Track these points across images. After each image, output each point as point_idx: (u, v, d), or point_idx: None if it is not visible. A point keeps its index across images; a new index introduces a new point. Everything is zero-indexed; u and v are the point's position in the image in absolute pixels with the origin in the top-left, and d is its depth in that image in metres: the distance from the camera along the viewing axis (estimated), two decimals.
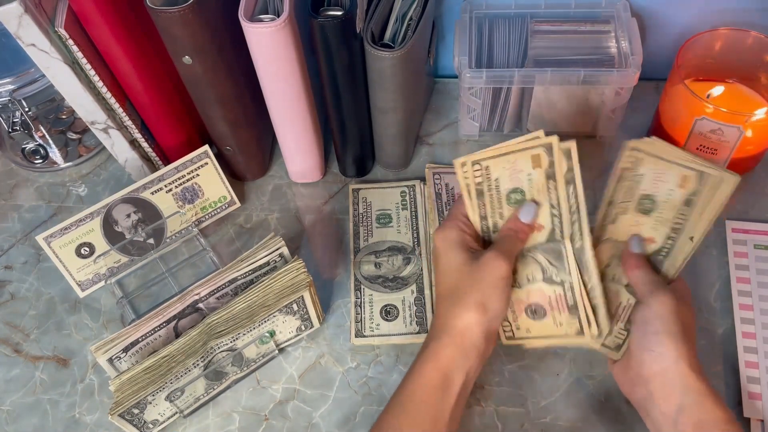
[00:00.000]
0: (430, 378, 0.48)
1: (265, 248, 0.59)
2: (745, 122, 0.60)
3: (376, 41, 0.60)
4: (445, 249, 0.51)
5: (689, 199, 0.50)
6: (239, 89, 0.65)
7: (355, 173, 0.74)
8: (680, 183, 0.50)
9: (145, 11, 0.55)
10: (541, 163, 0.50)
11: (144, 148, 0.71)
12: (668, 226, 0.51)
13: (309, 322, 0.61)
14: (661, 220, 0.52)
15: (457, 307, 0.49)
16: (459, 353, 0.48)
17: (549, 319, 0.53)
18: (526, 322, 0.53)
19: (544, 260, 0.52)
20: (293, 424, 0.58)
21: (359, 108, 0.65)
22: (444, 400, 0.47)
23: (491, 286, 0.49)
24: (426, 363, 0.48)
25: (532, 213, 0.51)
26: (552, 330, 0.53)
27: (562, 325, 0.52)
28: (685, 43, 0.65)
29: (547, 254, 0.52)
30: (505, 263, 0.49)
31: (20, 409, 0.61)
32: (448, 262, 0.51)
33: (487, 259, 0.49)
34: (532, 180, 0.51)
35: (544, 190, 0.51)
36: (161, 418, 0.57)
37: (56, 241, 0.64)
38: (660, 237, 0.52)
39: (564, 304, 0.52)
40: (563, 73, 0.66)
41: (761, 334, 0.59)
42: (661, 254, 0.52)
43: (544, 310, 0.53)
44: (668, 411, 0.46)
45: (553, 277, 0.52)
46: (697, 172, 0.49)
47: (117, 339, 0.54)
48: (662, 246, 0.52)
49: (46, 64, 0.58)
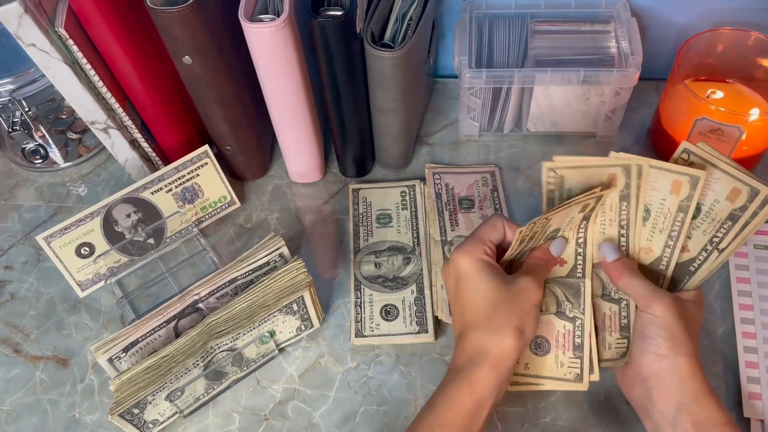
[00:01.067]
0: (464, 405, 0.47)
1: (265, 248, 0.59)
2: (744, 122, 0.60)
3: (376, 41, 0.60)
4: (476, 272, 0.50)
5: (734, 214, 0.49)
6: (239, 89, 0.65)
7: (355, 173, 0.74)
8: (729, 195, 0.49)
9: (145, 11, 0.55)
10: (585, 209, 0.51)
11: (144, 148, 0.71)
12: (707, 237, 0.51)
13: (309, 322, 0.61)
14: (700, 230, 0.51)
15: (496, 333, 0.48)
16: (495, 381, 0.47)
17: (551, 356, 0.53)
18: (527, 356, 0.53)
19: (560, 294, 0.52)
20: (293, 424, 0.58)
21: (359, 108, 0.65)
22: (472, 426, 0.47)
23: (528, 312, 0.49)
24: (462, 390, 0.47)
25: (562, 248, 0.53)
26: (551, 369, 0.53)
27: (562, 366, 0.52)
28: (685, 43, 0.65)
29: (564, 288, 0.53)
30: (539, 289, 0.49)
31: (20, 409, 0.61)
32: (482, 287, 0.49)
33: (525, 283, 0.49)
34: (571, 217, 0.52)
35: (575, 227, 0.52)
36: (161, 418, 0.57)
37: (56, 241, 0.64)
38: (696, 248, 0.52)
39: (570, 343, 0.52)
40: (563, 73, 0.66)
41: (761, 334, 0.59)
42: (693, 265, 0.52)
43: (548, 346, 0.53)
44: (667, 410, 0.47)
45: (567, 312, 0.52)
46: (749, 187, 0.48)
47: (117, 339, 0.54)
48: (696, 257, 0.52)
49: (46, 64, 0.58)
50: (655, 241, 0.52)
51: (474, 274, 0.50)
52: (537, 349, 0.53)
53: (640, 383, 0.49)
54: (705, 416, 0.45)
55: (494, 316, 0.48)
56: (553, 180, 0.52)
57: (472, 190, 0.70)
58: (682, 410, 0.46)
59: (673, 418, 0.46)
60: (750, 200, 0.48)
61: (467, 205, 0.69)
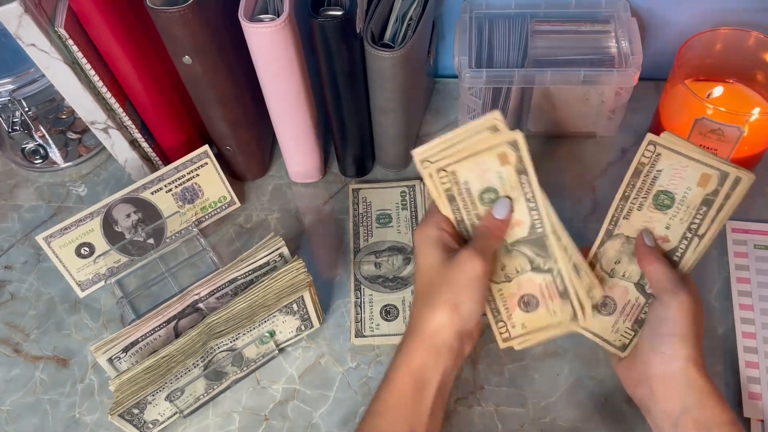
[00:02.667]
0: (403, 383, 0.47)
1: (265, 248, 0.59)
2: (745, 122, 0.60)
3: (376, 41, 0.60)
4: (423, 247, 0.50)
5: (708, 199, 0.49)
6: (239, 89, 0.65)
7: (355, 173, 0.74)
8: (700, 182, 0.49)
9: (145, 11, 0.55)
10: (508, 160, 0.50)
11: (144, 148, 0.71)
12: (685, 225, 0.50)
13: (309, 322, 0.61)
14: (677, 218, 0.51)
15: (428, 307, 0.48)
16: (431, 355, 0.47)
17: (542, 309, 0.52)
18: (521, 317, 0.53)
19: (530, 252, 0.52)
20: (293, 424, 0.58)
21: (359, 108, 0.65)
22: (420, 403, 0.46)
23: (464, 285, 0.47)
24: (398, 368, 0.47)
25: (506, 208, 0.50)
26: (547, 319, 0.52)
27: (556, 313, 0.52)
28: (685, 43, 0.65)
29: (531, 246, 0.52)
30: (479, 262, 0.47)
31: (20, 409, 0.61)
32: (425, 261, 0.50)
33: (461, 258, 0.48)
34: (503, 177, 0.50)
35: (517, 185, 0.50)
36: (161, 418, 0.57)
37: (56, 241, 0.64)
38: (675, 237, 0.51)
39: (555, 291, 0.51)
40: (563, 73, 0.66)
41: (761, 334, 0.59)
42: (676, 255, 0.51)
43: (536, 300, 0.52)
44: (670, 411, 0.46)
45: (541, 265, 0.51)
46: (719, 171, 0.48)
47: (117, 339, 0.54)
48: (677, 246, 0.51)
49: (46, 64, 0.58)
50: (673, 231, 0.51)
51: (420, 248, 0.50)
52: (527, 307, 0.52)
53: (645, 382, 0.48)
54: (708, 416, 0.45)
55: (430, 290, 0.48)
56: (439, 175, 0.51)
57: None
58: (686, 412, 0.45)
59: (677, 419, 0.46)
60: (721, 183, 0.48)
61: None
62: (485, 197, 0.51)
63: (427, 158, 0.51)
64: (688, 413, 0.45)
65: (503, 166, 0.50)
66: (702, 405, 0.45)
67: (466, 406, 0.58)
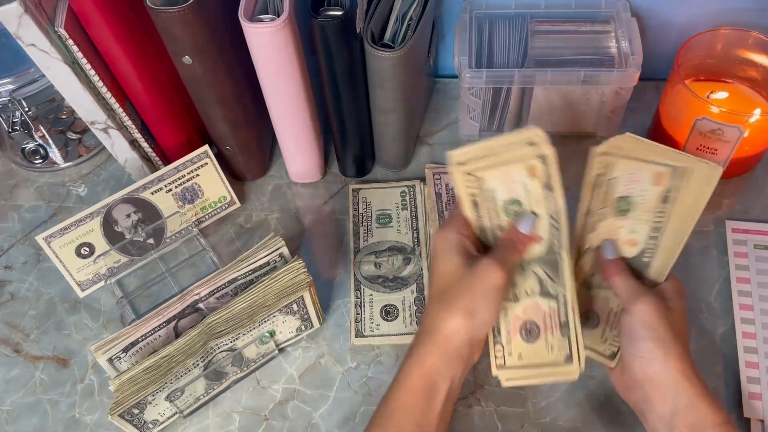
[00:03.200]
0: (414, 384, 0.47)
1: (265, 248, 0.59)
2: (745, 122, 0.60)
3: (376, 41, 0.60)
4: (443, 251, 0.50)
5: (666, 196, 0.49)
6: (239, 89, 0.65)
7: (355, 173, 0.74)
8: (654, 181, 0.49)
9: (145, 11, 0.55)
10: (536, 174, 0.49)
11: (144, 148, 0.71)
12: (648, 225, 0.50)
13: (309, 322, 0.61)
14: (639, 220, 0.51)
15: (445, 311, 0.48)
16: (443, 359, 0.47)
17: (542, 341, 0.52)
18: (519, 345, 0.53)
19: (542, 272, 0.52)
20: (293, 424, 0.58)
21: (359, 108, 0.65)
22: (430, 406, 0.47)
23: (482, 294, 0.47)
24: (411, 369, 0.48)
25: (531, 224, 0.50)
26: (543, 355, 0.52)
27: (553, 350, 0.52)
28: (685, 43, 0.65)
29: (544, 266, 0.51)
30: (500, 272, 0.47)
31: (20, 409, 0.61)
32: (444, 265, 0.50)
33: (483, 266, 0.48)
34: (529, 190, 0.50)
35: (542, 200, 0.50)
36: (161, 418, 0.57)
37: (56, 241, 0.64)
38: (641, 238, 0.51)
39: (557, 322, 0.51)
40: (563, 73, 0.66)
41: (761, 334, 0.59)
42: (646, 255, 0.51)
43: (537, 330, 0.52)
44: (663, 413, 0.47)
45: (549, 289, 0.51)
46: (670, 168, 0.48)
47: (117, 339, 0.54)
48: (645, 247, 0.51)
49: (46, 64, 0.58)
50: (640, 234, 0.51)
51: (441, 251, 0.50)
52: (528, 336, 0.52)
53: (636, 387, 0.49)
54: (701, 418, 0.45)
55: (447, 293, 0.48)
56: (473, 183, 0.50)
57: None
58: (677, 414, 0.46)
59: (670, 422, 0.46)
60: (675, 179, 0.48)
61: None
62: (509, 208, 0.51)
63: (461, 162, 0.50)
64: (681, 415, 0.46)
65: (530, 179, 0.50)
66: (693, 406, 0.45)
67: (466, 406, 0.58)
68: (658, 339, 0.47)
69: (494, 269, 0.47)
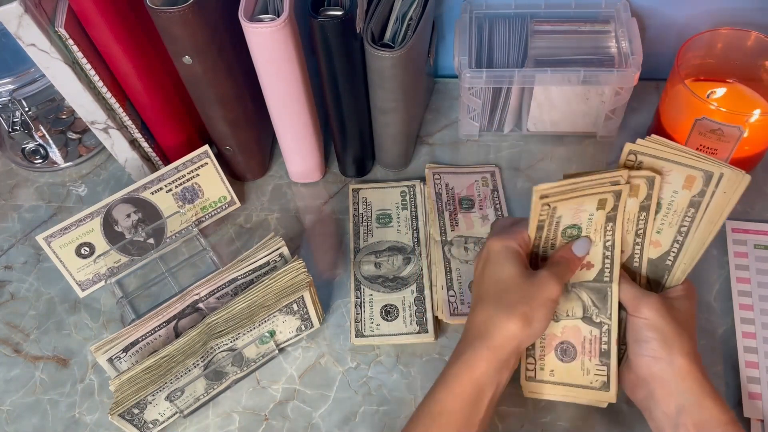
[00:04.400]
0: (463, 389, 0.47)
1: (265, 248, 0.59)
2: (745, 122, 0.60)
3: (376, 41, 0.60)
4: (503, 256, 0.50)
5: (695, 200, 0.49)
6: (239, 89, 0.65)
7: (355, 173, 0.74)
8: (685, 184, 0.49)
9: (145, 11, 0.55)
10: (605, 206, 0.50)
11: (144, 148, 0.71)
12: (674, 228, 0.50)
13: (309, 322, 0.61)
14: (666, 222, 0.51)
15: (502, 315, 0.48)
16: (494, 366, 0.47)
17: (577, 363, 0.52)
18: (553, 362, 0.53)
19: (587, 298, 0.52)
20: (293, 424, 0.58)
21: (359, 108, 0.65)
22: (474, 412, 0.47)
23: (541, 304, 0.48)
24: (461, 374, 0.47)
25: (586, 248, 0.51)
26: (577, 377, 0.52)
27: (588, 374, 0.52)
28: (685, 43, 0.65)
29: (591, 293, 0.52)
30: (558, 285, 0.48)
31: (20, 409, 0.61)
32: (503, 270, 0.50)
33: (544, 277, 0.49)
34: (592, 219, 0.51)
35: (601, 230, 0.51)
36: (161, 418, 0.57)
37: (56, 241, 0.64)
38: (666, 240, 0.51)
39: (597, 349, 0.52)
40: (563, 73, 0.66)
41: (761, 334, 0.59)
42: (669, 258, 0.51)
43: (574, 352, 0.52)
44: (669, 412, 0.47)
45: (593, 317, 0.52)
46: (702, 172, 0.48)
47: (117, 339, 0.54)
48: (669, 250, 0.51)
49: (46, 64, 0.58)
50: (665, 236, 0.51)
51: (499, 257, 0.50)
52: (563, 355, 0.52)
53: (642, 386, 0.49)
54: (707, 417, 0.45)
55: (505, 297, 0.48)
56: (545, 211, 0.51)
57: (472, 190, 0.70)
58: (683, 412, 0.46)
59: (675, 420, 0.46)
60: (706, 184, 0.48)
61: (467, 205, 0.69)
62: (568, 231, 0.52)
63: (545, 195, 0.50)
64: (687, 414, 0.46)
65: (598, 210, 0.50)
66: (699, 405, 0.46)
67: None
68: (663, 339, 0.47)
69: (553, 282, 0.48)
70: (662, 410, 0.47)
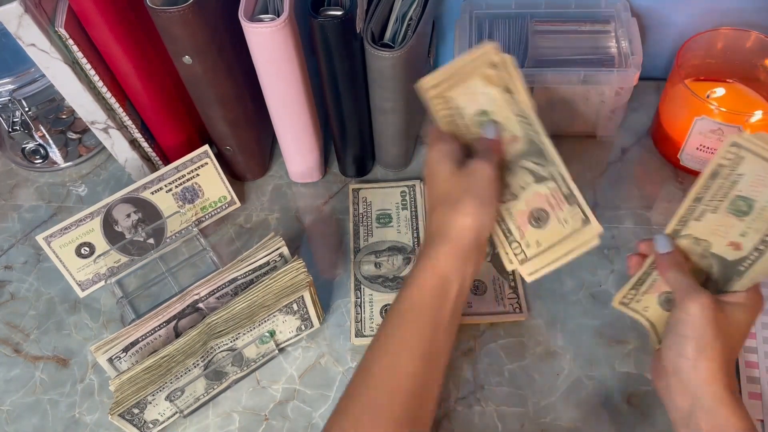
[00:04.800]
0: (428, 283, 0.48)
1: (265, 248, 0.59)
2: (745, 122, 0.60)
3: (376, 41, 0.60)
4: (437, 160, 0.52)
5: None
6: (239, 89, 0.65)
7: (355, 173, 0.74)
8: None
9: (145, 11, 0.55)
10: (493, 81, 0.51)
11: (144, 148, 0.71)
12: (760, 235, 0.47)
13: (309, 322, 0.61)
14: (753, 227, 0.48)
15: (453, 212, 0.49)
16: (455, 256, 0.48)
17: (553, 221, 0.52)
18: (534, 234, 0.53)
19: (530, 164, 0.52)
20: (293, 424, 0.58)
21: (359, 108, 0.65)
22: (443, 305, 0.48)
23: (481, 188, 0.49)
24: (424, 269, 0.49)
25: (493, 130, 0.53)
26: (560, 231, 0.52)
27: (567, 222, 0.52)
28: (685, 43, 0.65)
29: (531, 157, 0.52)
30: (488, 166, 0.50)
31: (20, 409, 0.61)
32: (442, 171, 0.51)
33: (474, 165, 0.50)
34: (492, 98, 0.52)
35: (505, 104, 0.52)
36: (161, 418, 0.57)
37: (56, 241, 0.64)
38: (748, 245, 0.48)
39: (561, 197, 0.52)
40: (563, 73, 0.66)
41: (761, 334, 0.59)
42: (744, 264, 0.48)
43: (546, 213, 0.52)
44: (681, 406, 0.46)
45: (543, 174, 0.52)
46: None
47: (117, 339, 0.54)
48: (747, 255, 0.48)
49: (46, 64, 0.58)
50: (748, 240, 0.48)
51: (436, 160, 0.52)
52: (538, 222, 0.52)
53: (664, 377, 0.48)
54: (722, 423, 0.45)
55: (450, 197, 0.50)
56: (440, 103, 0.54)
57: None
58: (696, 413, 0.45)
59: (688, 417, 0.46)
60: None
61: None
62: (478, 120, 0.53)
63: (431, 86, 0.53)
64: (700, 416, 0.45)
65: (489, 88, 0.52)
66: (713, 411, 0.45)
67: (466, 406, 0.58)
68: (697, 341, 0.46)
69: (482, 165, 0.50)
70: (677, 405, 0.47)
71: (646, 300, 0.53)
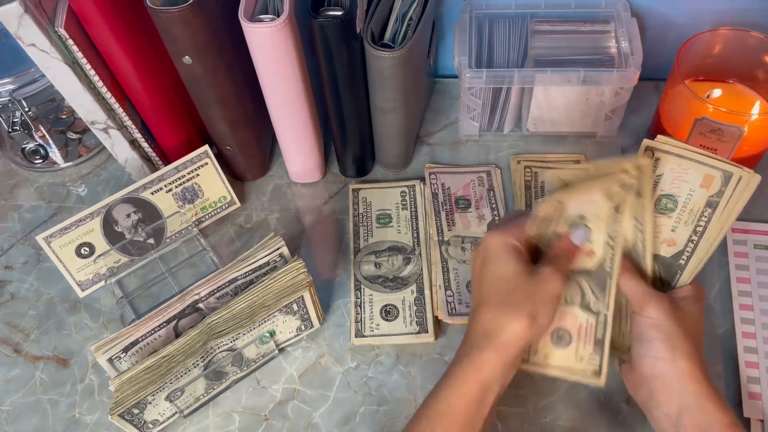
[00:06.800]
0: (470, 389, 0.46)
1: (265, 248, 0.59)
2: (745, 122, 0.60)
3: (376, 41, 0.60)
4: (502, 254, 0.50)
5: (712, 200, 0.49)
6: (239, 89, 0.65)
7: (355, 173, 0.74)
8: (703, 183, 0.49)
9: (145, 11, 0.55)
10: (612, 198, 0.50)
11: (144, 148, 0.71)
12: (690, 228, 0.50)
13: (309, 322, 0.61)
14: (682, 221, 0.50)
15: (507, 315, 0.47)
16: (502, 367, 0.47)
17: (571, 349, 0.52)
18: (547, 347, 0.52)
19: (586, 286, 0.51)
20: (293, 424, 0.58)
21: (359, 108, 0.65)
22: (479, 412, 0.47)
23: (545, 300, 0.48)
24: (468, 375, 0.47)
25: (584, 237, 0.51)
26: (570, 362, 0.52)
27: (582, 360, 0.52)
28: (685, 43, 0.65)
29: (591, 281, 0.51)
30: (560, 280, 0.48)
31: (20, 409, 0.61)
32: (504, 268, 0.49)
33: (547, 273, 0.48)
34: (598, 209, 0.50)
35: (607, 219, 0.50)
36: (161, 418, 0.57)
37: (56, 241, 0.64)
38: (681, 240, 0.51)
39: (592, 337, 0.51)
40: (563, 73, 0.66)
41: (761, 334, 0.59)
42: (683, 258, 0.51)
43: (569, 338, 0.52)
44: (669, 411, 0.47)
45: (591, 305, 0.51)
46: (720, 171, 0.48)
47: (117, 339, 0.54)
48: (683, 249, 0.51)
49: (46, 64, 0.58)
50: (679, 234, 0.51)
51: (499, 254, 0.50)
52: (558, 342, 0.52)
53: (644, 385, 0.49)
54: (708, 419, 0.45)
55: (510, 297, 0.48)
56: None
57: (468, 189, 0.70)
58: (684, 413, 0.46)
59: (676, 421, 0.46)
60: (725, 184, 0.48)
61: (463, 205, 0.69)
62: (570, 220, 0.51)
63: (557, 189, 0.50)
64: (688, 415, 0.46)
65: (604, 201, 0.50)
66: (700, 407, 0.46)
67: None
68: (667, 340, 0.47)
69: (556, 277, 0.48)
70: (663, 411, 0.47)
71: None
